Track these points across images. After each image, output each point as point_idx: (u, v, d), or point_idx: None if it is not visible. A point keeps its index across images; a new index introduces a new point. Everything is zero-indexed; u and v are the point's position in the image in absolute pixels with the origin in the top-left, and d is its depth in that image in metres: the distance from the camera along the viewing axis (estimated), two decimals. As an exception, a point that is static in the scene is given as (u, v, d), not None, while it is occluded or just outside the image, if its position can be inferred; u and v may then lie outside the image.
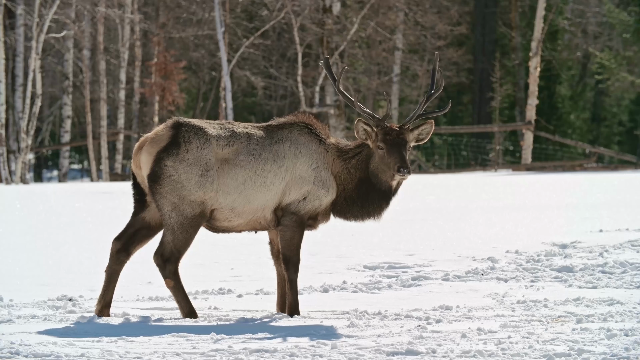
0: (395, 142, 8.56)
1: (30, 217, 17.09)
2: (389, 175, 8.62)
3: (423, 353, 6.90)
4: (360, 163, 8.72)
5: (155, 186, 8.41)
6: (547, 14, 40.80)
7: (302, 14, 36.14)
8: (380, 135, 8.59)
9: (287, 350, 7.03)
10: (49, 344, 7.22)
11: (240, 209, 8.54)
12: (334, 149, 8.75)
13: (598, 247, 12.10)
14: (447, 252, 12.41)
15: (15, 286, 10.15)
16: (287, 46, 43.32)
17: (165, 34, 39.72)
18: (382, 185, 8.69)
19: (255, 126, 8.73)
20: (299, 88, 36.62)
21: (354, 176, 8.73)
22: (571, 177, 28.51)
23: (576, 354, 6.78)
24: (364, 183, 8.72)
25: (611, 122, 49.96)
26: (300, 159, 8.64)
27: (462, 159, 42.95)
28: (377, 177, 8.68)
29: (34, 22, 31.92)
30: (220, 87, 35.63)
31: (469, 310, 8.70)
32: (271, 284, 10.27)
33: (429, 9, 41.55)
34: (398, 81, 41.47)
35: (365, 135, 8.65)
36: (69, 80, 38.69)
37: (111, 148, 43.26)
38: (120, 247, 8.58)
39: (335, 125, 35.63)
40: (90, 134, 36.07)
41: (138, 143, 8.56)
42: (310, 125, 8.77)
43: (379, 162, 8.63)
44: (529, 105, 37.39)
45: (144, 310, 8.95)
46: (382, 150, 8.58)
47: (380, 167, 8.63)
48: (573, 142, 39.38)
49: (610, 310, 8.38)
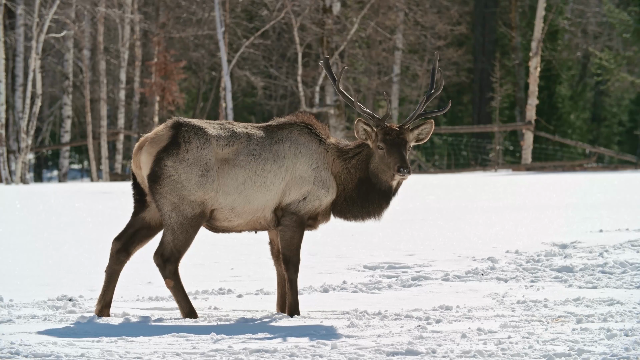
0: (395, 142, 8.56)
1: (30, 217, 17.09)
2: (389, 175, 8.62)
3: (423, 353, 6.90)
4: (360, 163, 8.72)
5: (155, 186, 8.41)
6: (547, 14, 40.82)
7: (302, 14, 36.14)
8: (380, 135, 8.60)
9: (287, 350, 7.03)
10: (49, 344, 7.22)
11: (240, 209, 8.54)
12: (334, 149, 8.75)
13: (598, 247, 12.10)
14: (447, 252, 12.41)
15: (15, 286, 10.15)
16: (287, 46, 43.33)
17: (165, 34, 39.72)
18: (382, 185, 8.69)
19: (255, 126, 8.73)
20: (299, 88, 36.62)
21: (354, 176, 8.73)
22: (571, 177, 28.51)
23: (576, 354, 6.78)
24: (364, 183, 8.72)
25: (611, 122, 49.97)
26: (300, 159, 8.64)
27: (462, 159, 42.95)
28: (377, 177, 8.68)
29: (34, 22, 31.92)
30: (220, 87, 35.64)
31: (469, 310, 8.70)
32: (271, 284, 10.27)
33: (429, 9, 41.55)
34: (398, 81, 41.47)
35: (365, 135, 8.65)
36: (69, 80, 38.69)
37: (111, 148, 43.28)
38: (120, 247, 8.58)
39: (335, 125, 35.63)
40: (90, 134, 36.07)
41: (138, 143, 8.55)
42: (310, 125, 8.77)
43: (379, 162, 8.63)
44: (529, 105, 37.39)
45: (144, 310, 8.95)
46: (382, 150, 8.58)
47: (380, 167, 8.63)
48: (573, 142, 39.37)
49: (610, 310, 8.38)
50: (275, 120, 8.83)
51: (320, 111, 35.90)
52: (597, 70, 44.56)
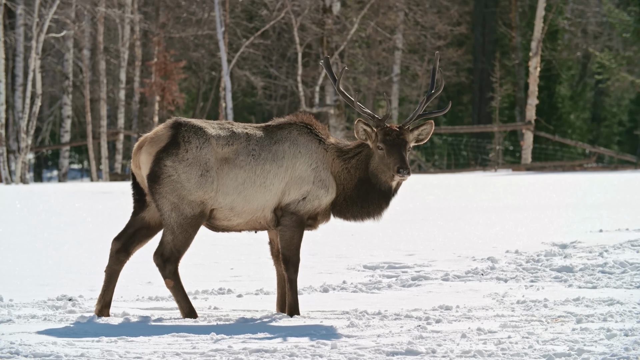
0: (395, 143, 8.56)
1: (30, 217, 17.09)
2: (388, 175, 8.62)
3: (423, 353, 6.90)
4: (360, 163, 8.72)
5: (154, 186, 8.41)
6: (547, 14, 40.81)
7: (302, 14, 36.14)
8: (380, 136, 8.59)
9: (287, 350, 7.03)
10: (49, 344, 7.22)
11: (239, 208, 8.54)
12: (334, 149, 8.75)
13: (598, 247, 12.10)
14: (447, 252, 12.40)
15: (15, 286, 10.14)
16: (287, 46, 43.32)
17: (165, 33, 39.71)
18: (381, 185, 8.69)
19: (255, 126, 8.73)
20: (299, 88, 36.62)
21: (353, 176, 8.72)
22: (571, 177, 28.51)
23: (576, 354, 6.78)
24: (363, 183, 8.72)
25: (611, 122, 49.96)
26: (300, 159, 8.64)
27: (462, 159, 42.95)
28: (377, 177, 8.67)
29: (33, 22, 31.92)
30: (220, 87, 35.64)
31: (468, 310, 8.70)
32: (271, 284, 10.27)
33: (429, 9, 41.55)
34: (398, 81, 41.47)
35: (365, 135, 8.64)
36: (69, 80, 38.69)
37: (111, 148, 43.28)
38: (119, 247, 8.58)
39: (335, 125, 35.62)
40: (90, 134, 36.07)
41: (137, 143, 8.55)
42: (309, 125, 8.76)
43: (379, 163, 8.62)
44: (529, 105, 37.39)
45: (144, 310, 8.95)
46: (382, 151, 8.58)
47: (380, 168, 8.63)
48: (573, 142, 39.37)
49: (610, 310, 8.38)
50: (274, 120, 8.83)
51: (320, 111, 35.90)
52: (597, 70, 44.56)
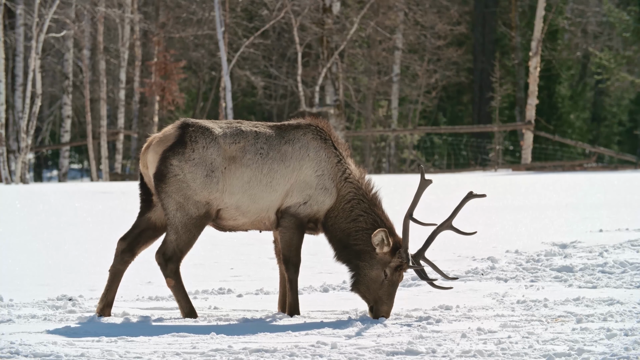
0: (396, 283, 8.46)
1: (30, 217, 17.09)
2: (369, 278, 8.48)
3: (423, 353, 6.90)
4: (360, 223, 8.61)
5: (160, 185, 8.41)
6: (547, 14, 40.81)
7: (302, 14, 36.14)
8: (394, 263, 8.48)
9: (287, 350, 7.03)
10: (49, 344, 7.22)
11: (245, 207, 8.53)
12: (352, 179, 8.61)
13: (598, 247, 12.10)
14: (447, 252, 12.40)
15: (15, 286, 10.15)
16: (287, 46, 43.32)
17: (165, 33, 39.71)
18: (359, 256, 8.60)
19: (266, 125, 8.68)
20: (299, 88, 36.62)
21: (348, 217, 8.63)
22: (571, 177, 28.51)
23: (576, 354, 6.78)
24: (350, 233, 8.63)
25: (611, 122, 49.96)
26: (307, 163, 8.58)
27: (462, 158, 42.95)
28: (361, 260, 8.54)
29: (33, 21, 31.92)
30: (220, 86, 35.64)
31: (469, 310, 8.70)
32: (271, 283, 10.27)
33: (429, 8, 41.55)
34: (398, 81, 41.47)
35: (380, 245, 8.52)
36: (69, 80, 38.69)
37: (111, 148, 43.26)
38: (125, 247, 8.59)
39: (335, 125, 35.62)
40: (90, 134, 36.08)
41: (146, 143, 8.58)
42: (323, 131, 8.68)
43: (371, 276, 8.47)
44: (528, 105, 37.38)
45: (144, 310, 8.95)
46: (385, 279, 8.45)
47: (370, 277, 8.48)
48: (573, 142, 39.37)
49: (610, 310, 8.38)
50: (292, 120, 8.77)
51: (320, 111, 35.90)
52: (597, 69, 44.56)
